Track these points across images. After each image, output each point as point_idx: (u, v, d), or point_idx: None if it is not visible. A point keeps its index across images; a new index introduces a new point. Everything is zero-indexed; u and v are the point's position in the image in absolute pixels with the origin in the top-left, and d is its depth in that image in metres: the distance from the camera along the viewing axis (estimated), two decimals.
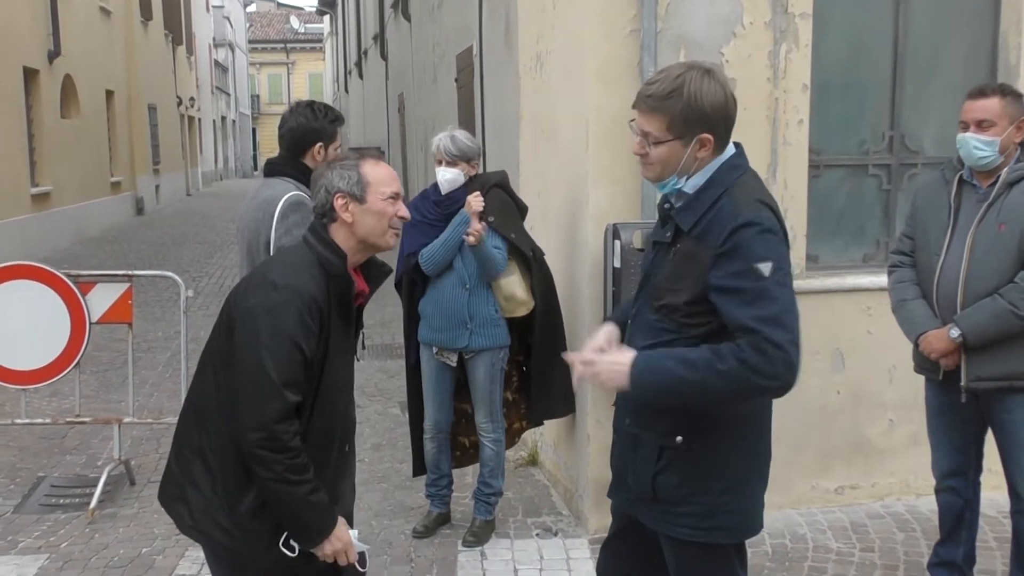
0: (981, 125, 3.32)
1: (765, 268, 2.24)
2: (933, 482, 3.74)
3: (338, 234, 2.45)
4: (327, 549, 2.40)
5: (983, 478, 3.68)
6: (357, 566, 2.50)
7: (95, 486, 4.95)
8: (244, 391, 2.30)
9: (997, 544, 4.23)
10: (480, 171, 4.34)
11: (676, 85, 2.30)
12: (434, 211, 4.24)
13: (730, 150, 2.41)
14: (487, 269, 4.17)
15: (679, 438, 2.39)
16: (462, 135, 4.22)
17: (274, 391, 2.27)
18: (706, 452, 2.39)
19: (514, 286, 4.28)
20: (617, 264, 4.11)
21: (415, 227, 4.25)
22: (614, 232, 4.15)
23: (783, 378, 2.22)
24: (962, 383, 3.39)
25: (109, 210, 18.90)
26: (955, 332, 3.33)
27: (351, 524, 2.57)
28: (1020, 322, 3.24)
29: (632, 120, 2.42)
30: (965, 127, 3.37)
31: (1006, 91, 3.37)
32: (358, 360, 2.77)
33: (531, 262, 4.29)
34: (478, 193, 4.11)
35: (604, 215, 4.29)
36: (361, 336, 2.66)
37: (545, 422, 4.77)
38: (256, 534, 2.40)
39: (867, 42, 4.71)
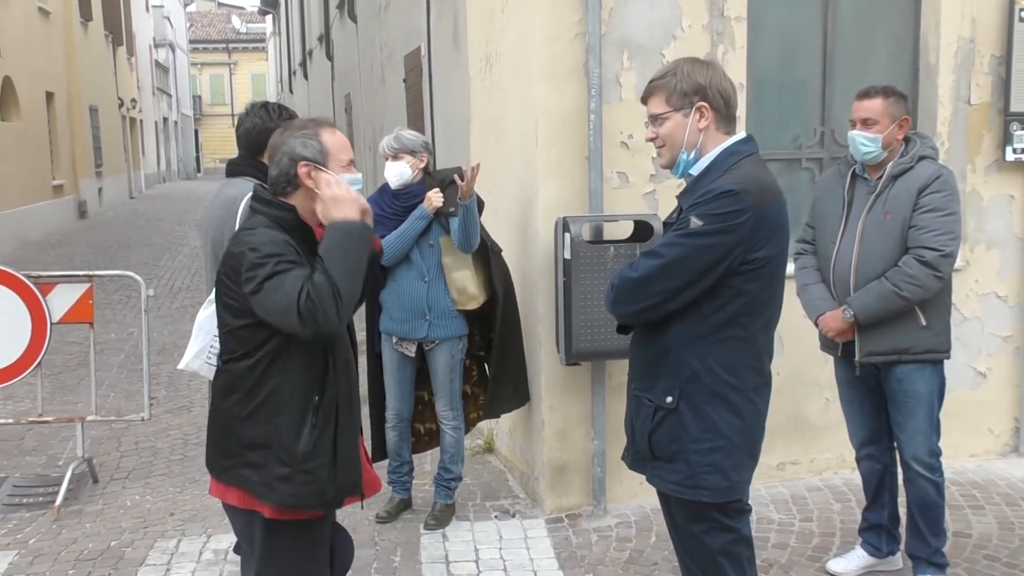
0: (866, 123, 3.61)
1: (695, 223, 2.52)
2: None
3: (296, 199, 2.62)
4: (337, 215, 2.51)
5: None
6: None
7: (58, 485, 5.02)
8: (291, 321, 2.40)
9: None
10: (430, 165, 4.47)
11: (671, 68, 2.67)
12: (393, 204, 4.38)
13: (737, 137, 2.66)
14: (470, 233, 4.23)
15: (669, 399, 2.63)
16: (406, 132, 4.38)
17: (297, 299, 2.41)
18: (693, 413, 2.62)
19: (466, 280, 4.43)
20: (567, 256, 4.31)
21: (374, 220, 4.39)
22: (564, 225, 4.34)
23: (607, 298, 2.72)
24: (856, 358, 3.70)
25: (51, 213, 18.61)
26: (848, 313, 3.64)
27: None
28: (903, 302, 3.56)
29: (646, 120, 2.73)
30: (853, 125, 3.67)
31: (889, 93, 3.65)
32: None
33: (490, 256, 4.46)
34: (437, 189, 4.28)
35: (554, 209, 4.48)
36: None
37: None
38: (316, 471, 2.54)
39: (798, 43, 4.98)
